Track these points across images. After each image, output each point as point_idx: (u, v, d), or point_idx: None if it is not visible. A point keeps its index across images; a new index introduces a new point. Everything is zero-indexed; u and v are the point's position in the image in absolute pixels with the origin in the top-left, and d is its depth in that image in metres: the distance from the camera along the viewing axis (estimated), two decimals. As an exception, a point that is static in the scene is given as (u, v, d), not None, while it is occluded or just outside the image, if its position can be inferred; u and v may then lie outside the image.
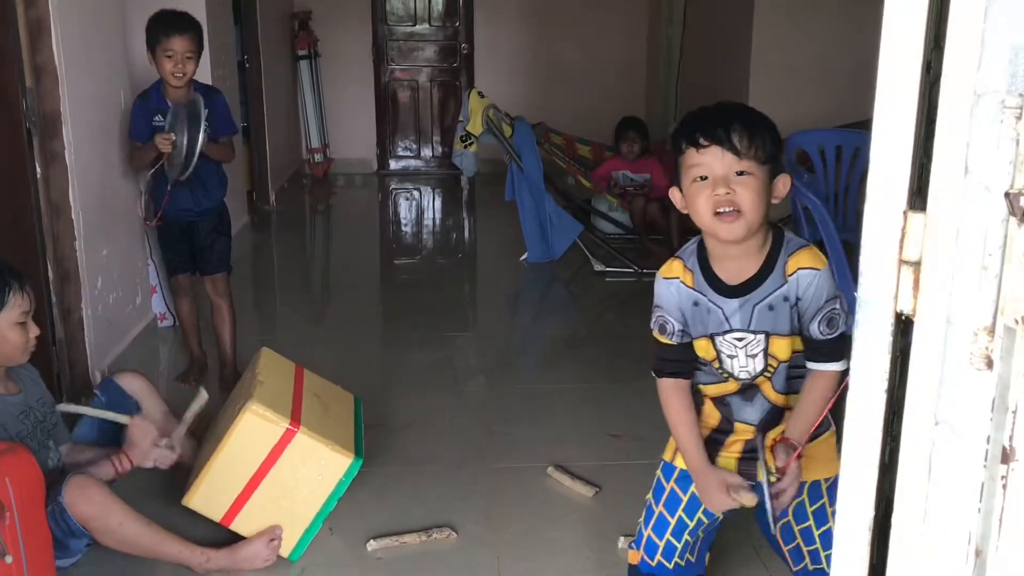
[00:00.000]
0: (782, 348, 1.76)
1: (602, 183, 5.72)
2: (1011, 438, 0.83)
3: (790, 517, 1.83)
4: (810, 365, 1.76)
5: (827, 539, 1.77)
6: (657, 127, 6.91)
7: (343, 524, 2.52)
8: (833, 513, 1.41)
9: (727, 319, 1.76)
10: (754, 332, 1.75)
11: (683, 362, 1.85)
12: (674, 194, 1.76)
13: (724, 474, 1.81)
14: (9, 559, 1.83)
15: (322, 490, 2.41)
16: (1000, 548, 0.84)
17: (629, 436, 3.07)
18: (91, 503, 2.13)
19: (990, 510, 0.84)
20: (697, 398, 1.89)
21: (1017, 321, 0.81)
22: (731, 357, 1.79)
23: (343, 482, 2.42)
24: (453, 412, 3.30)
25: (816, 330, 1.71)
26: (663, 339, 1.84)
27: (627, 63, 8.16)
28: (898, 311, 0.94)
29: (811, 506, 1.82)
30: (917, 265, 0.91)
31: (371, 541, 2.43)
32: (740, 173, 1.64)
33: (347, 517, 2.54)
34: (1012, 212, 0.82)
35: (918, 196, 0.96)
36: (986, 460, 0.84)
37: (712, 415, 1.89)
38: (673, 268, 1.82)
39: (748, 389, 1.83)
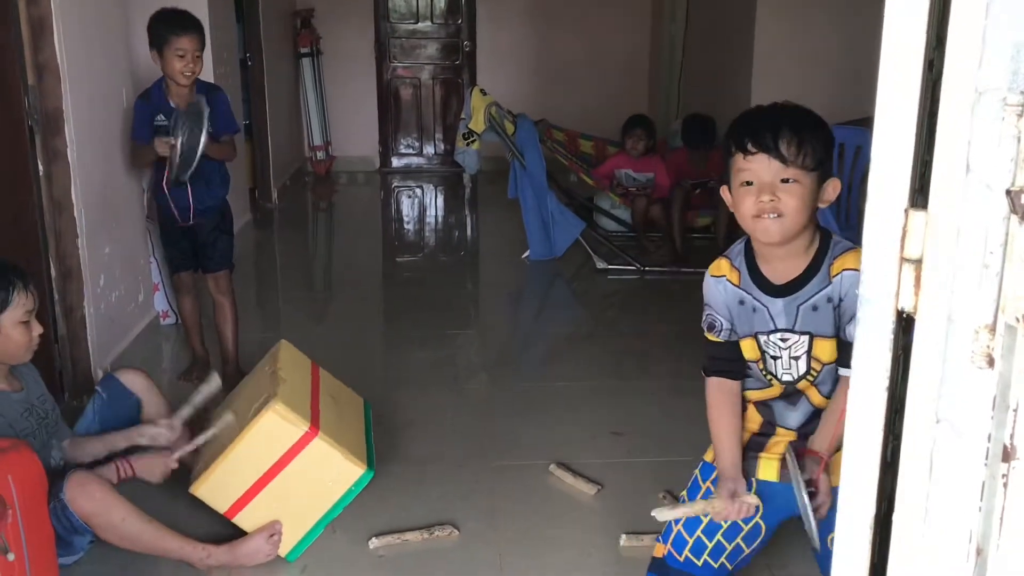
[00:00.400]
0: (826, 350, 1.77)
1: (604, 181, 5.72)
2: (1012, 436, 0.83)
3: None
4: (841, 371, 1.76)
5: None
6: (660, 125, 6.90)
7: (345, 522, 2.51)
8: None
9: (772, 318, 1.77)
10: (798, 332, 1.76)
11: (731, 361, 1.86)
12: (724, 193, 1.77)
13: (738, 483, 1.82)
14: (11, 557, 1.83)
15: (329, 496, 2.40)
16: (1001, 547, 0.84)
17: (631, 434, 3.07)
18: (92, 499, 2.14)
19: (991, 509, 0.84)
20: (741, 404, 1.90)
21: (1018, 319, 0.81)
22: (775, 358, 1.80)
23: (351, 491, 2.42)
24: (455, 410, 3.30)
25: (852, 333, 1.71)
26: (712, 337, 1.87)
27: (629, 61, 8.15)
28: (899, 309, 0.94)
29: None
30: (918, 263, 0.91)
31: (373, 539, 2.43)
32: (786, 180, 1.64)
33: (349, 515, 2.54)
34: (1013, 210, 0.82)
35: (919, 194, 0.96)
36: (987, 458, 0.84)
37: (754, 419, 1.90)
38: (721, 267, 1.84)
39: (792, 394, 1.84)
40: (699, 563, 1.88)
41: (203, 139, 3.05)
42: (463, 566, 2.35)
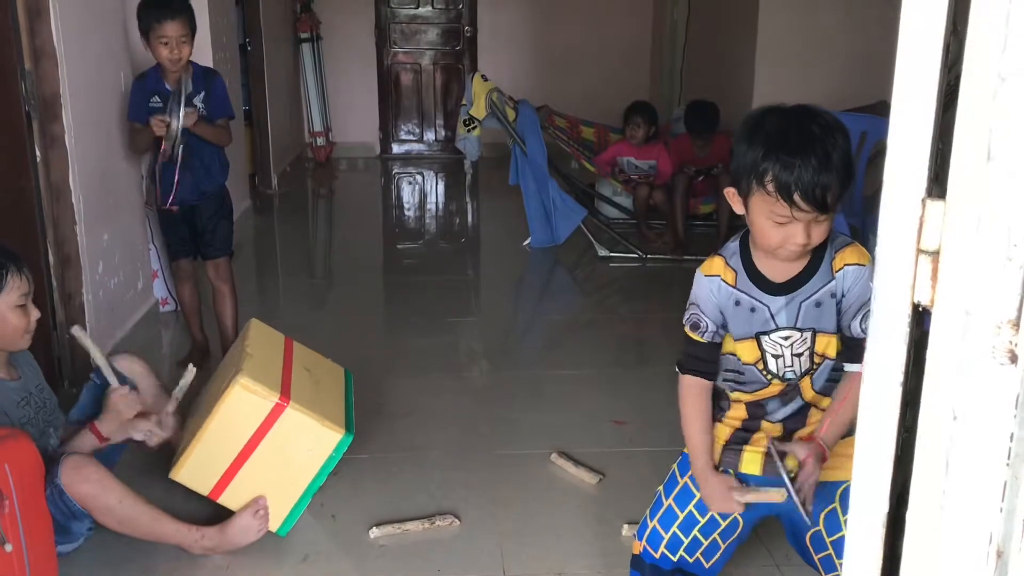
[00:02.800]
0: (829, 346, 1.74)
1: (606, 168, 5.68)
2: (1035, 435, 0.80)
3: (821, 527, 1.78)
4: (847, 367, 1.73)
5: None
6: (662, 110, 6.86)
7: (345, 511, 2.50)
8: None
9: (773, 317, 1.73)
10: (800, 330, 1.73)
11: (709, 362, 1.82)
12: (731, 196, 1.68)
13: (725, 478, 1.80)
14: (9, 547, 1.82)
15: (311, 465, 2.39)
16: None
17: (633, 423, 3.06)
18: (87, 481, 2.12)
19: (1012, 509, 0.82)
20: (726, 403, 1.87)
21: (1043, 314, 0.78)
22: (776, 357, 1.76)
23: (333, 457, 2.41)
24: (456, 398, 3.28)
25: (857, 327, 1.69)
26: (694, 336, 1.81)
27: (632, 46, 8.11)
28: (915, 302, 0.91)
29: (845, 514, 1.76)
30: (935, 255, 0.88)
31: (373, 528, 2.41)
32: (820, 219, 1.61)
33: (349, 504, 2.53)
34: (1039, 200, 0.79)
35: (934, 183, 0.93)
36: (1009, 458, 0.81)
37: (739, 415, 1.87)
38: (714, 265, 1.78)
39: (790, 391, 1.81)
40: (675, 559, 1.85)
41: (181, 114, 3.03)
42: (464, 555, 2.33)
